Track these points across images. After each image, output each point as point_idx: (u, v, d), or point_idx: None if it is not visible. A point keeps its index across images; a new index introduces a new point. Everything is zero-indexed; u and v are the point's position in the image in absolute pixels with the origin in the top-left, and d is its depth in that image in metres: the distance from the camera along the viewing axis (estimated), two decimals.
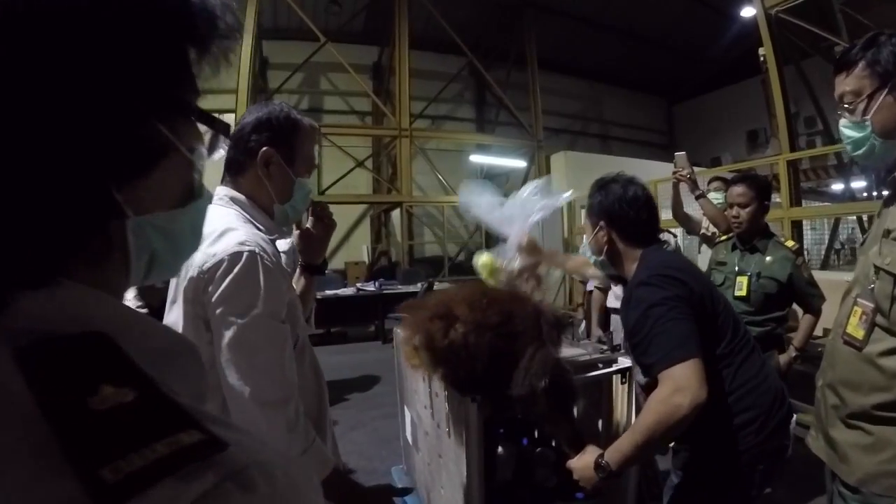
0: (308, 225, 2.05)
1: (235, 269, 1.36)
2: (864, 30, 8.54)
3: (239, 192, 1.58)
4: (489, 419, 1.80)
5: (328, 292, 9.06)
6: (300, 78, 13.95)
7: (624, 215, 1.94)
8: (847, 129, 1.66)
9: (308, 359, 1.63)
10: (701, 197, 4.07)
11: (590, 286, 5.69)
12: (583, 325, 5.23)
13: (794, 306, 3.42)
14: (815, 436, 1.81)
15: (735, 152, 17.00)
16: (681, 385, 1.58)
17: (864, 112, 1.59)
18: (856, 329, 1.64)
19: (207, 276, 1.38)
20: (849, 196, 11.78)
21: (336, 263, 12.40)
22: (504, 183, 15.24)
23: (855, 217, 10.47)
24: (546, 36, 14.81)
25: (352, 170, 12.71)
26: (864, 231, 10.75)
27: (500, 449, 2.11)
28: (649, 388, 1.72)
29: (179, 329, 1.42)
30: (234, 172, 1.60)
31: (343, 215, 14.16)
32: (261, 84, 13.61)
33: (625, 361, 1.98)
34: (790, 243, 3.37)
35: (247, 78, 11.22)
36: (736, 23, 13.95)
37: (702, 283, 1.90)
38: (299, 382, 1.49)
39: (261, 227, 1.55)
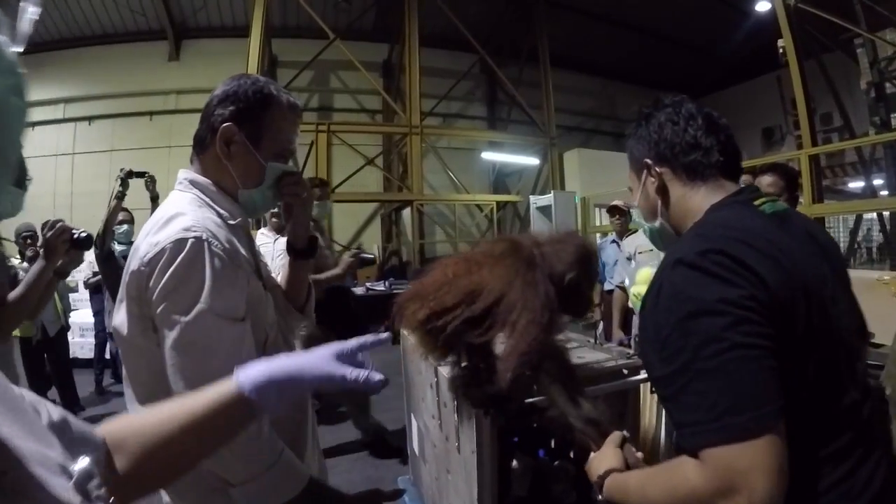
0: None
1: (178, 259, 1.20)
2: (883, 21, 8.35)
3: (202, 173, 1.42)
4: (503, 429, 1.64)
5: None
6: (310, 76, 13.84)
7: (678, 141, 1.25)
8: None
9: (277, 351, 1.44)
10: None
11: (608, 285, 5.52)
12: (600, 327, 5.05)
13: None
14: None
15: (750, 150, 16.70)
16: (735, 485, 0.89)
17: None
18: None
19: (148, 269, 1.21)
20: (870, 193, 11.48)
21: None
22: (517, 181, 15.12)
23: (875, 215, 10.16)
24: (558, 32, 14.61)
25: (362, 167, 12.60)
26: (883, 230, 10.55)
27: (514, 462, 1.96)
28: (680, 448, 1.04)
29: (125, 331, 1.27)
30: (198, 151, 1.43)
31: (354, 214, 14.20)
32: None
33: None
34: None
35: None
36: (750, 18, 13.68)
37: (799, 282, 1.03)
38: None
39: (222, 211, 1.39)
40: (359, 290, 9.63)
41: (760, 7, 11.84)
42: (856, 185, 13.28)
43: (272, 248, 5.88)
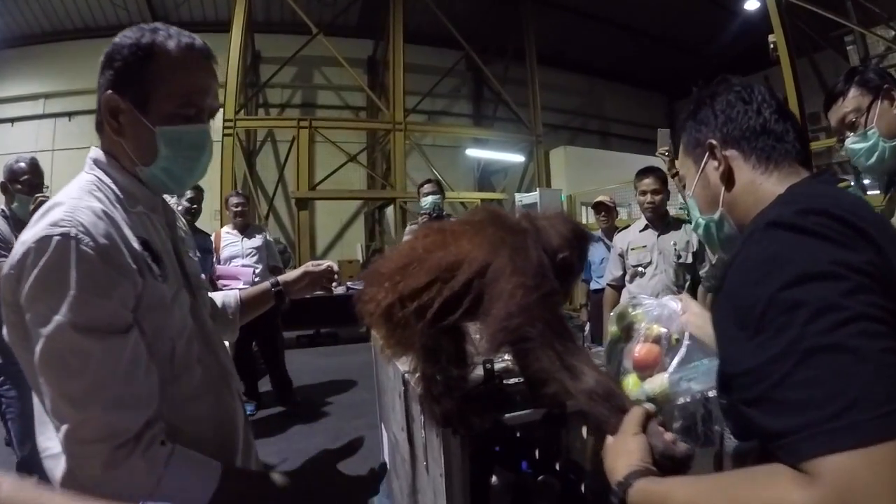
0: (311, 268, 1.87)
1: (41, 262, 1.01)
2: (874, 17, 8.30)
3: (107, 151, 1.22)
4: (478, 445, 1.45)
5: (318, 292, 8.72)
6: (293, 72, 13.63)
7: (750, 122, 1.07)
8: (855, 144, 1.95)
9: (198, 375, 1.23)
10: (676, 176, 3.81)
11: (594, 285, 5.32)
12: (587, 328, 4.86)
13: None
14: None
15: None
16: None
17: (867, 123, 1.90)
18: None
19: (16, 272, 1.03)
20: (861, 192, 11.42)
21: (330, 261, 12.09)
22: (502, 179, 14.98)
23: None
24: (545, 30, 14.52)
25: (343, 164, 12.41)
26: None
27: (493, 478, 1.77)
28: (759, 456, 0.77)
29: (10, 341, 1.09)
30: (97, 128, 1.23)
31: (337, 213, 14.01)
32: (252, 78, 13.36)
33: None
34: None
35: (236, 71, 10.95)
36: (738, 17, 13.69)
37: None
38: (185, 407, 1.17)
39: (121, 194, 1.18)
40: (339, 290, 9.41)
41: (749, 5, 11.79)
42: (843, 185, 13.24)
43: (241, 246, 5.74)
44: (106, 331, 1.03)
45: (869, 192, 10.18)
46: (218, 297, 1.73)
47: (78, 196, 1.11)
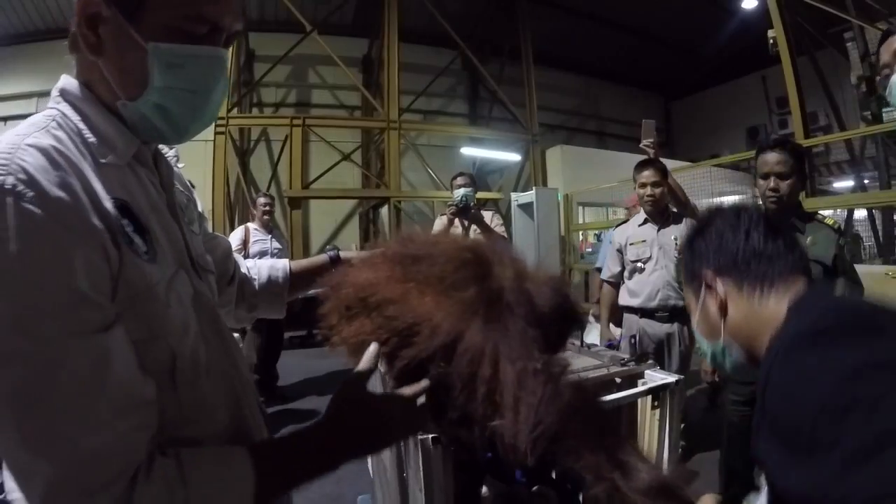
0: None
1: None
2: (873, 13, 8.25)
3: (82, 80, 0.89)
4: (464, 457, 1.31)
5: (311, 292, 8.66)
6: (287, 71, 13.49)
7: (738, 248, 1.07)
8: None
9: (208, 392, 0.90)
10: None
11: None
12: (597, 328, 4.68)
13: None
14: None
15: (734, 149, 16.62)
16: None
17: None
18: None
19: None
20: (861, 190, 11.31)
21: None
22: (498, 179, 14.88)
23: (866, 217, 9.95)
24: (541, 30, 14.39)
25: (337, 163, 12.25)
26: (874, 229, 10.40)
27: (484, 489, 1.64)
28: None
29: None
30: (71, 47, 0.89)
31: (332, 213, 13.87)
32: (246, 77, 13.23)
33: (654, 377, 1.44)
34: (830, 220, 2.83)
35: (230, 69, 10.82)
36: (735, 17, 13.63)
37: None
38: (203, 425, 0.87)
39: (92, 137, 0.84)
40: None
41: (747, 4, 11.74)
42: (841, 184, 13.15)
43: (269, 245, 5.82)
44: (73, 330, 0.70)
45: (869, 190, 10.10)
46: (264, 266, 1.45)
47: (24, 132, 0.78)
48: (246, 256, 5.37)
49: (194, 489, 0.74)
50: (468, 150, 13.79)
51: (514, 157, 13.97)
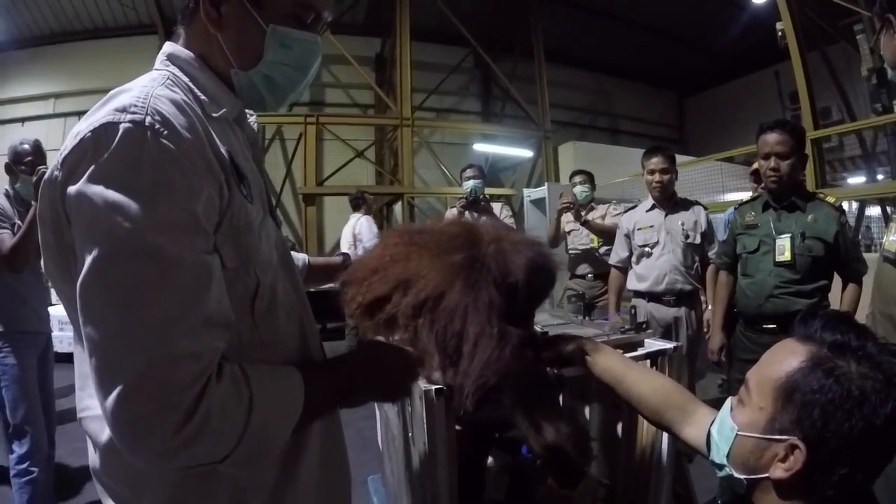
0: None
1: (104, 157, 0.77)
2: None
3: (187, 48, 1.03)
4: (475, 423, 1.38)
5: (324, 286, 8.73)
6: None
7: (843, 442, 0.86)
8: None
9: (282, 326, 1.02)
10: (585, 223, 4.74)
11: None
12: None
13: None
14: None
15: (748, 146, 16.54)
16: None
17: None
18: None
19: (63, 172, 0.81)
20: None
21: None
22: (511, 175, 14.90)
23: (879, 212, 9.89)
24: (553, 27, 14.41)
25: (351, 160, 12.35)
26: (887, 221, 10.35)
27: (489, 459, 1.70)
28: None
29: (50, 274, 0.92)
30: (183, 20, 1.04)
31: (345, 209, 13.85)
32: None
33: (654, 344, 1.50)
34: (832, 199, 2.91)
35: None
36: (747, 13, 13.54)
37: None
38: (273, 350, 0.98)
39: (204, 97, 0.98)
40: None
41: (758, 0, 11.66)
42: (854, 180, 13.03)
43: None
44: (191, 248, 0.81)
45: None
46: None
47: (149, 85, 0.89)
48: None
49: (257, 390, 0.85)
50: (481, 147, 13.82)
51: (527, 153, 14.00)
